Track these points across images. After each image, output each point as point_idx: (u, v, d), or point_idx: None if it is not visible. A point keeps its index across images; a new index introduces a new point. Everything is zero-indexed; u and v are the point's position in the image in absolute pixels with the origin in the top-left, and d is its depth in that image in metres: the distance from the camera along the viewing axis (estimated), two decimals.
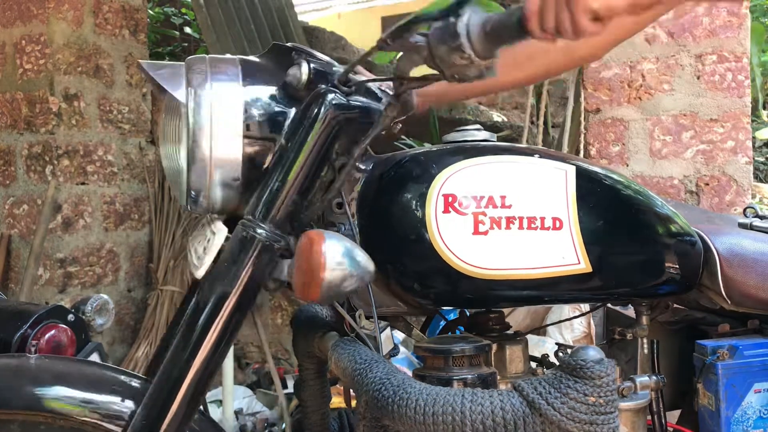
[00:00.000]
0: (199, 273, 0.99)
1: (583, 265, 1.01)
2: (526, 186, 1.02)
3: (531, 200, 1.01)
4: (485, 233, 0.99)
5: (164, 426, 0.97)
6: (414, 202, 1.01)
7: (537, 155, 1.07)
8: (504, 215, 0.99)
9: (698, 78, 2.45)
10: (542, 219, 1.00)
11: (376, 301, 1.06)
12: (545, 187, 1.03)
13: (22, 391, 1.02)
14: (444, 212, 0.99)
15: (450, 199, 1.00)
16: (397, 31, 0.91)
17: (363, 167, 1.09)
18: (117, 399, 1.03)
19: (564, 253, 1.01)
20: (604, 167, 1.18)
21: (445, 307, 1.17)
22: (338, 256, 0.91)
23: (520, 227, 0.99)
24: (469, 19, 0.85)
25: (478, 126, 1.14)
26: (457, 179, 1.01)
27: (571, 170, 1.05)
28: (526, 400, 0.79)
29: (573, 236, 1.01)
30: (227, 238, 1.00)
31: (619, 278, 1.07)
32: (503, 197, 1.00)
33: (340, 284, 0.92)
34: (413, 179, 1.03)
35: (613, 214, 1.07)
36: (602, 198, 1.07)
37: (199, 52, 4.82)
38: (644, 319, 1.15)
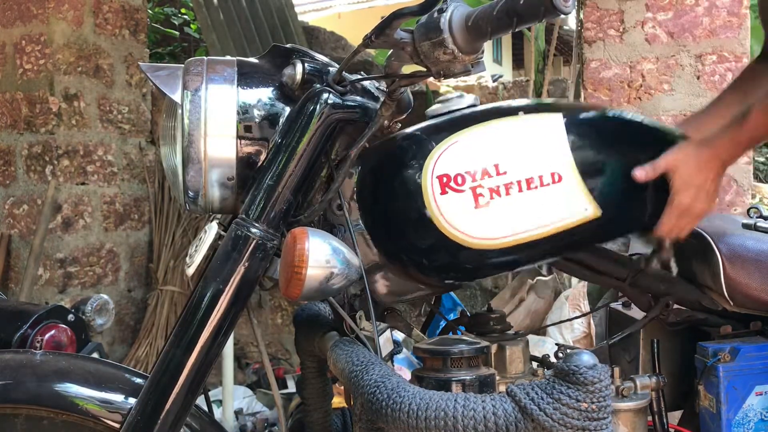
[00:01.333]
0: (190, 271, 1.01)
1: (592, 211, 1.00)
2: (516, 148, 1.01)
3: (525, 161, 1.00)
4: (487, 205, 0.98)
5: (159, 420, 0.98)
6: (411, 191, 1.00)
7: (521, 111, 1.05)
8: (501, 183, 0.98)
9: (698, 78, 2.44)
10: (540, 177, 0.99)
11: (399, 289, 1.06)
12: (536, 143, 1.01)
13: (27, 386, 1.03)
14: (442, 194, 0.99)
15: (445, 179, 0.99)
16: (381, 27, 0.91)
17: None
18: (119, 395, 1.04)
19: (570, 203, 0.99)
20: (591, 105, 1.16)
21: (468, 282, 1.16)
22: (322, 254, 0.91)
23: (520, 190, 0.98)
24: (452, 14, 0.85)
25: (459, 93, 1.12)
26: (446, 158, 1.00)
27: (558, 119, 1.03)
28: (518, 405, 0.78)
29: (575, 185, 1.00)
30: (221, 237, 1.01)
31: (631, 213, 1.06)
32: (496, 165, 0.99)
33: (325, 282, 0.91)
34: (404, 168, 1.02)
35: (610, 151, 1.05)
36: (596, 138, 1.05)
37: (199, 52, 4.82)
38: (666, 243, 1.13)
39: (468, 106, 1.09)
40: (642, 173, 1.03)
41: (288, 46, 1.09)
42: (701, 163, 1.05)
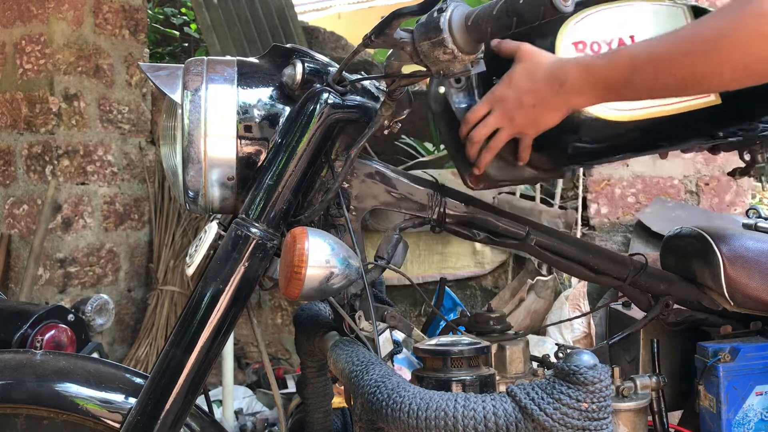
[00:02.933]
0: (190, 271, 1.01)
1: (713, 98, 1.02)
2: (651, 26, 1.03)
3: None
4: None
5: (159, 420, 0.98)
6: None
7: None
8: None
9: None
10: None
11: (502, 175, 1.07)
12: (669, 26, 1.01)
13: (27, 386, 1.04)
14: None
15: (580, 46, 1.01)
16: (381, 27, 0.91)
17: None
18: (119, 395, 1.05)
19: None
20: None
21: (575, 164, 1.16)
22: (322, 254, 0.91)
23: None
24: (452, 14, 0.85)
25: None
26: (583, 26, 1.02)
27: (687, 9, 1.07)
28: (518, 405, 0.78)
29: None
30: (221, 237, 1.01)
31: (747, 102, 1.05)
32: (632, 37, 1.02)
33: (324, 282, 0.91)
34: (537, 31, 0.98)
35: None
36: None
37: (199, 53, 4.82)
38: (760, 158, 1.13)
39: None
40: (495, 42, 1.03)
41: (288, 46, 1.09)
42: (544, 72, 0.95)
